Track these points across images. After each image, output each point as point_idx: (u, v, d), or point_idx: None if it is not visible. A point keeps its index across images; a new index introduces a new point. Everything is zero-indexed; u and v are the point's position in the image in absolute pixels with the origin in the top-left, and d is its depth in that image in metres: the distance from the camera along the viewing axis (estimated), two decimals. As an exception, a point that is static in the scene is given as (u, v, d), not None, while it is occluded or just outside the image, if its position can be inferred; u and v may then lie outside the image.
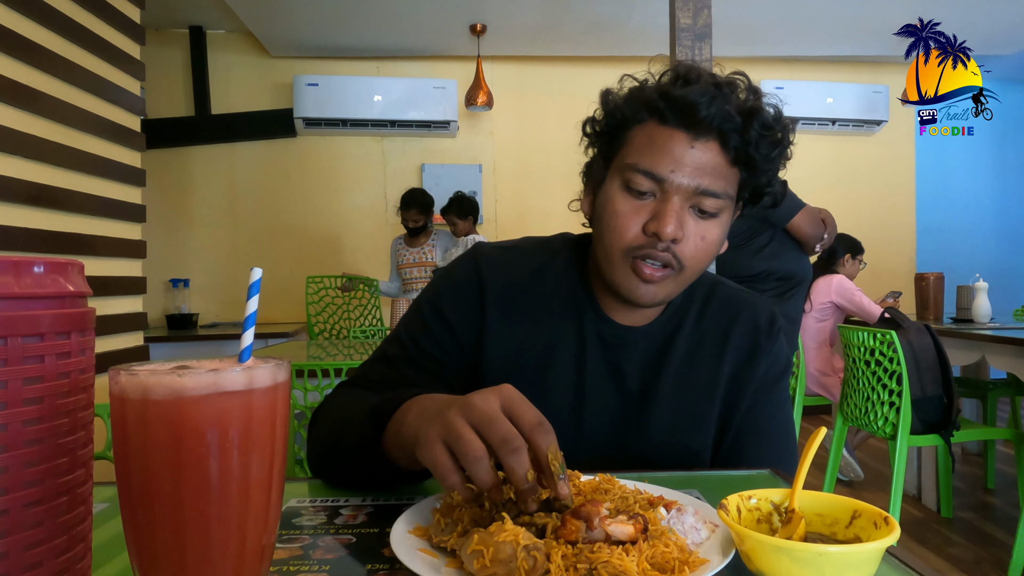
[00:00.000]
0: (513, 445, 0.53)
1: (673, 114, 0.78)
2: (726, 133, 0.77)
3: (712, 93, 0.77)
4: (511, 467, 0.53)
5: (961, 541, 2.64)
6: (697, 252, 0.80)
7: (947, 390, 2.46)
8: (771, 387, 0.91)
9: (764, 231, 2.52)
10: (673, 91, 0.78)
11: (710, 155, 0.77)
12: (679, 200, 0.77)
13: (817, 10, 4.26)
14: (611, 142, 0.84)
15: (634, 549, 0.49)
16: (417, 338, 0.88)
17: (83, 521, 0.42)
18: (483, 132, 5.05)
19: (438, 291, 0.90)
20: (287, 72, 4.81)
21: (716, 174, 0.78)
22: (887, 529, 0.49)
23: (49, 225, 1.90)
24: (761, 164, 0.80)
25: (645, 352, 0.89)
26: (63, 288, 0.40)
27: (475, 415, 0.55)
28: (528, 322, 0.87)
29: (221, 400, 0.40)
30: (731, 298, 0.93)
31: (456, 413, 0.56)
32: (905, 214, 5.48)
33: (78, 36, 2.04)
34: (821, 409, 4.89)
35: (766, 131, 0.78)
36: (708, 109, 0.76)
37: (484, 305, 0.87)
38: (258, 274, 0.46)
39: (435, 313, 0.88)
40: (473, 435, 0.54)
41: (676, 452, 0.87)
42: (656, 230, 0.76)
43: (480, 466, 0.53)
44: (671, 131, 0.78)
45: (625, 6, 4.12)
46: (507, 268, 0.90)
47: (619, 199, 0.80)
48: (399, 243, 4.19)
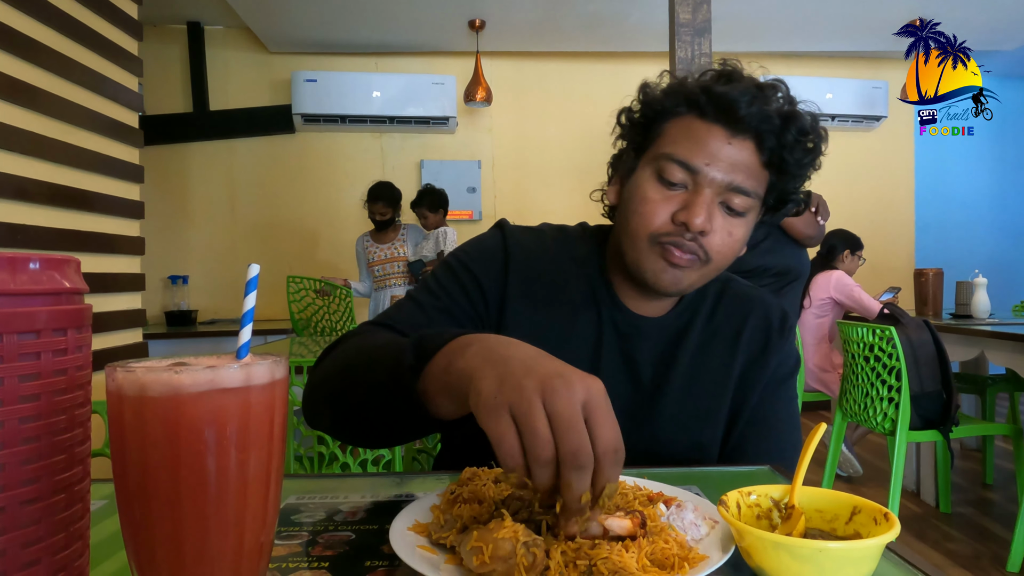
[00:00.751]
0: (581, 461, 0.47)
1: (713, 109, 0.79)
2: (763, 134, 0.78)
3: (753, 93, 0.78)
4: (569, 482, 0.47)
5: (960, 536, 2.65)
6: (723, 247, 0.80)
7: (946, 386, 2.46)
8: (780, 384, 0.92)
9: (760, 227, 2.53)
10: (715, 87, 0.79)
11: (745, 153, 0.79)
12: (711, 193, 0.78)
13: (816, 6, 4.25)
14: (646, 133, 0.85)
15: (634, 545, 0.49)
16: (448, 288, 0.87)
17: (81, 518, 0.42)
18: (482, 128, 5.05)
19: (468, 250, 0.91)
20: (285, 68, 4.80)
21: (749, 172, 0.79)
22: (887, 525, 0.49)
23: (47, 221, 1.90)
24: (793, 169, 0.81)
25: (658, 343, 0.90)
26: (59, 285, 0.40)
27: (555, 408, 0.48)
28: (546, 304, 0.88)
29: (219, 397, 0.40)
30: (743, 295, 0.94)
31: (535, 394, 0.49)
32: (904, 210, 5.48)
33: (76, 32, 2.03)
34: (820, 405, 4.90)
35: (802, 136, 0.80)
36: (748, 108, 0.77)
37: (508, 274, 0.88)
38: (256, 270, 0.46)
39: (465, 269, 0.88)
40: (548, 433, 0.48)
41: (685, 445, 0.87)
42: (686, 219, 0.77)
43: (547, 472, 0.48)
44: (709, 126, 0.79)
45: (624, 2, 4.11)
46: (531, 247, 0.90)
47: (650, 187, 0.81)
48: (366, 240, 4.05)
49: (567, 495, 0.48)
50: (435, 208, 3.90)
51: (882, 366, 2.48)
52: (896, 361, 2.41)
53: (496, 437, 0.49)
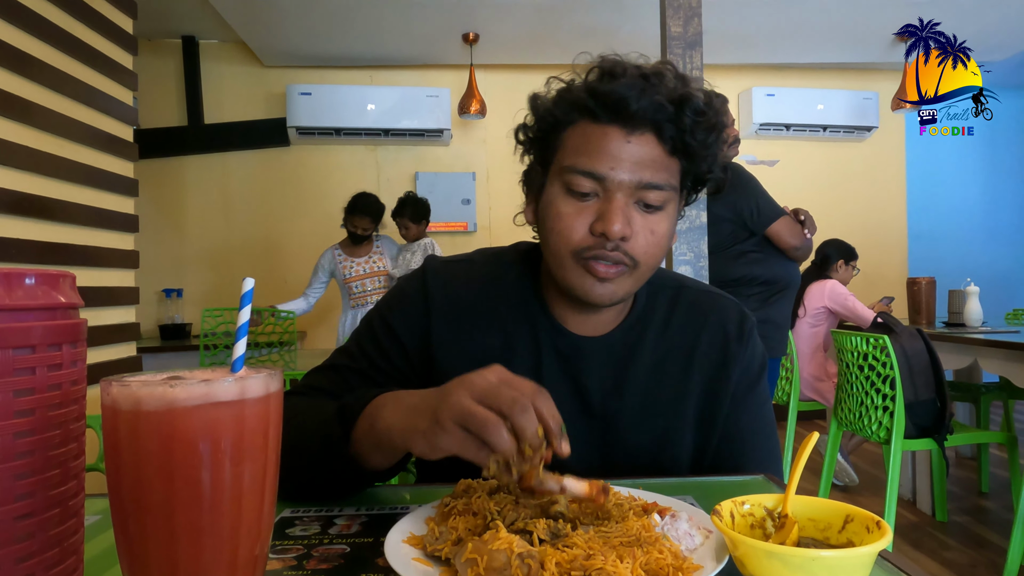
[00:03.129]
0: (522, 404, 0.56)
1: (604, 111, 0.76)
2: (660, 124, 0.76)
3: (641, 85, 0.75)
4: (522, 426, 0.55)
5: (956, 545, 2.65)
6: (649, 247, 0.78)
7: (940, 394, 2.47)
8: (748, 392, 0.89)
9: (746, 237, 2.54)
10: (601, 87, 0.76)
11: (647, 148, 0.76)
12: (623, 197, 0.76)
13: (807, 18, 4.30)
14: (546, 146, 0.82)
15: (628, 555, 0.50)
16: (366, 349, 0.86)
17: (75, 533, 0.42)
18: (476, 140, 5.07)
19: (389, 304, 0.89)
20: (280, 81, 4.81)
21: (656, 166, 0.76)
22: (879, 533, 0.49)
23: (41, 236, 1.90)
24: (699, 151, 0.78)
25: (606, 364, 0.85)
26: (54, 300, 0.40)
27: (478, 390, 0.58)
28: (479, 335, 0.85)
29: (213, 411, 0.40)
30: (697, 303, 0.90)
31: (461, 394, 0.58)
32: (896, 219, 5.52)
33: (70, 47, 2.04)
34: (815, 414, 4.91)
35: (699, 117, 0.76)
36: (639, 102, 0.74)
37: (430, 319, 0.85)
38: (250, 284, 0.46)
39: (384, 326, 0.87)
40: (484, 408, 0.56)
41: (646, 471, 0.84)
42: (603, 230, 0.75)
43: (499, 432, 0.55)
44: (605, 128, 0.76)
45: (616, 15, 4.15)
46: (456, 282, 0.88)
47: (562, 202, 0.78)
48: (338, 254, 3.78)
49: (526, 436, 0.55)
50: (418, 219, 3.73)
51: (876, 375, 2.49)
52: (890, 370, 2.42)
53: (458, 448, 0.57)
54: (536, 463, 0.56)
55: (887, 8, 4.12)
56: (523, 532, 0.54)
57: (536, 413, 0.56)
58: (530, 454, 0.56)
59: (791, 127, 5.13)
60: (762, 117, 5.04)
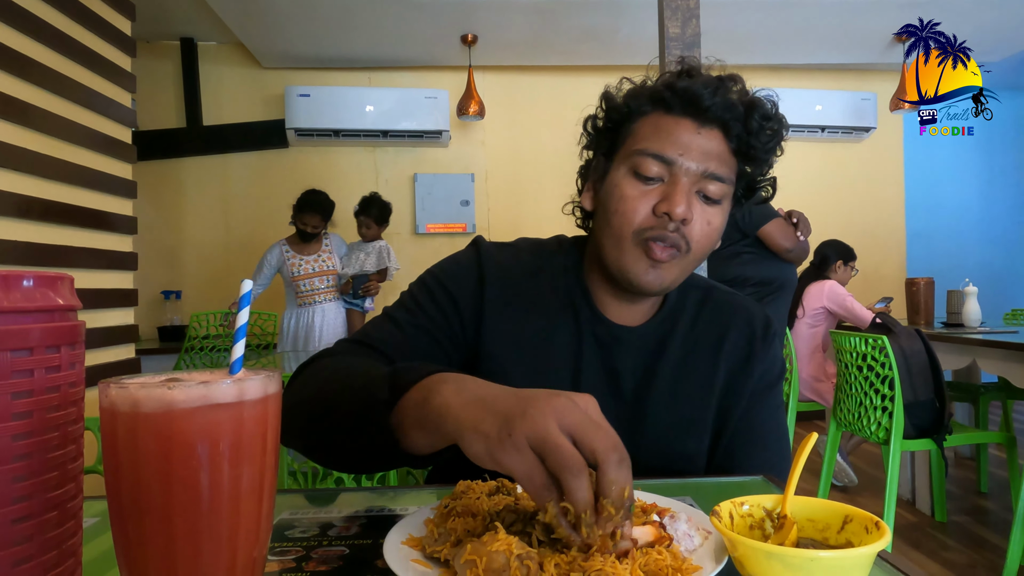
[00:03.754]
0: (621, 455, 0.48)
1: (679, 103, 0.81)
2: (728, 122, 0.81)
3: (715, 85, 0.81)
4: (611, 480, 0.47)
5: (955, 545, 2.65)
6: (703, 236, 0.82)
7: (939, 394, 2.47)
8: (766, 392, 0.92)
9: (739, 238, 2.55)
10: (678, 83, 0.82)
11: (715, 142, 0.81)
12: (688, 182, 0.80)
13: (805, 18, 4.31)
14: (615, 136, 0.86)
15: (627, 556, 0.49)
16: (423, 304, 0.88)
17: (73, 536, 0.42)
18: (475, 141, 5.07)
19: (443, 268, 0.91)
20: (279, 83, 4.81)
21: (721, 160, 0.81)
22: (878, 534, 0.49)
23: (40, 238, 1.90)
24: (760, 154, 0.84)
25: (640, 352, 0.89)
26: (52, 302, 0.40)
27: (569, 421, 0.49)
28: (524, 317, 0.87)
29: (212, 412, 0.40)
30: (726, 303, 0.94)
31: (548, 416, 0.49)
32: (895, 220, 5.53)
33: (69, 49, 2.04)
34: (814, 414, 4.91)
35: (765, 122, 0.82)
36: (712, 99, 0.80)
37: (483, 290, 0.87)
38: (249, 286, 0.46)
39: (440, 286, 0.88)
40: (572, 446, 0.48)
41: (670, 457, 0.87)
42: (667, 210, 0.78)
43: (582, 483, 0.47)
44: (677, 119, 0.81)
45: (614, 16, 4.16)
46: (506, 263, 0.90)
47: (627, 184, 0.82)
48: (286, 250, 3.64)
49: (614, 492, 0.47)
50: (381, 220, 3.68)
51: (875, 375, 2.49)
52: (889, 370, 2.42)
53: (526, 475, 0.49)
54: (609, 529, 0.48)
55: (884, 9, 4.13)
56: (522, 533, 0.54)
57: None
58: (609, 514, 0.47)
59: (789, 128, 5.13)
60: (760, 118, 5.04)
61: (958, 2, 4.07)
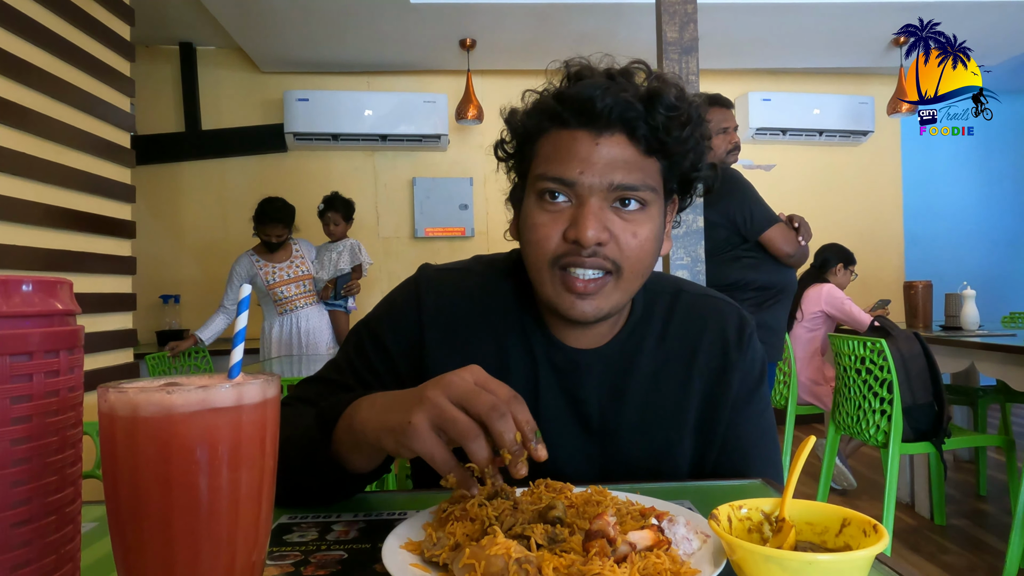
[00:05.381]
0: (500, 411, 0.55)
1: (571, 114, 0.74)
2: (631, 123, 0.73)
3: (606, 85, 0.73)
4: (500, 432, 0.55)
5: (955, 548, 2.65)
6: (632, 251, 0.74)
7: (937, 397, 2.47)
8: (748, 399, 0.87)
9: (740, 242, 2.56)
10: (567, 91, 0.75)
11: (618, 149, 0.73)
12: (596, 201, 0.73)
13: (802, 23, 4.32)
14: (522, 159, 0.81)
15: (625, 561, 0.50)
16: (353, 361, 0.85)
17: (72, 540, 0.42)
18: (474, 145, 5.08)
19: (378, 315, 0.87)
20: (277, 87, 4.82)
21: (629, 167, 0.73)
22: (876, 537, 0.49)
23: (39, 242, 1.90)
24: (676, 148, 0.75)
25: (604, 376, 0.83)
26: (52, 307, 0.40)
27: (456, 392, 0.57)
28: (473, 347, 0.83)
29: (210, 417, 0.40)
30: (695, 308, 0.88)
31: (438, 394, 0.57)
32: (893, 223, 5.54)
33: (68, 54, 2.04)
34: (813, 418, 4.91)
35: (671, 112, 0.73)
36: (604, 101, 0.72)
37: (423, 329, 0.83)
38: (248, 291, 0.46)
39: (372, 338, 0.85)
40: (463, 414, 0.56)
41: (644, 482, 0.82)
42: (575, 236, 0.72)
43: (480, 443, 0.55)
44: (573, 132, 0.74)
45: (612, 21, 4.17)
46: (449, 291, 0.85)
47: (536, 212, 0.76)
48: (255, 260, 3.51)
49: (504, 442, 0.55)
50: (348, 217, 3.61)
51: (874, 379, 2.49)
52: (888, 374, 2.43)
53: (428, 453, 0.56)
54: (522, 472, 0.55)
55: (882, 13, 4.15)
56: (521, 537, 0.54)
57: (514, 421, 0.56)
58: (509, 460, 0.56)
59: (787, 132, 5.15)
60: (758, 122, 5.06)
61: (954, 6, 4.09)
